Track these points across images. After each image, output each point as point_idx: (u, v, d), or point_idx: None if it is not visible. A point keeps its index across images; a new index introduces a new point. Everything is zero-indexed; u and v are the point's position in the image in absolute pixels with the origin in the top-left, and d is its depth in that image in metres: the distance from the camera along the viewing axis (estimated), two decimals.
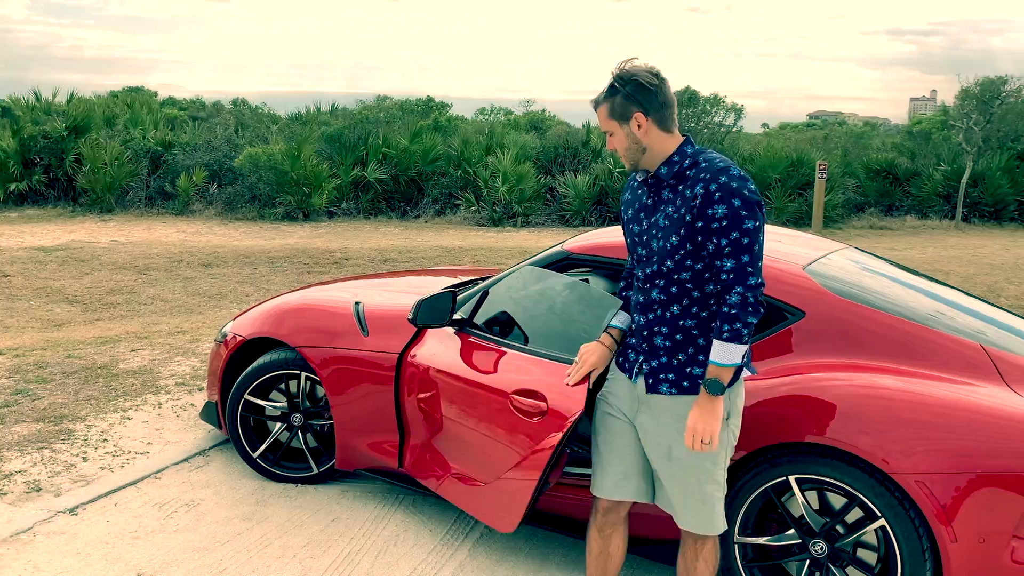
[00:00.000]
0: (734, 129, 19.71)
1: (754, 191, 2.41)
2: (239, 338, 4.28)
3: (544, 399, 3.00)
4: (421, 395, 3.67)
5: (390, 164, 17.43)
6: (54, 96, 23.04)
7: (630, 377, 2.64)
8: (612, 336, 2.76)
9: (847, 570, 2.91)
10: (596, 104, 2.55)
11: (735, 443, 2.67)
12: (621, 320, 2.78)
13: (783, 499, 2.96)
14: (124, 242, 12.81)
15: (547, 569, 3.42)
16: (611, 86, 2.50)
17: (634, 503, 2.79)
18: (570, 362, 2.95)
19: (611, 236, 3.66)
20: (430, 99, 36.68)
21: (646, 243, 2.55)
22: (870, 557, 2.92)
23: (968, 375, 2.91)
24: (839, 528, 2.90)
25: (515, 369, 3.22)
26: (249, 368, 4.16)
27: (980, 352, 2.96)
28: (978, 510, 2.66)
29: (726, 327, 2.39)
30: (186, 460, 4.37)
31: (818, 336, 3.05)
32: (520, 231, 15.62)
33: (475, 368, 3.41)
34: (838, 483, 2.82)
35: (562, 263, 3.62)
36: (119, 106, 24.19)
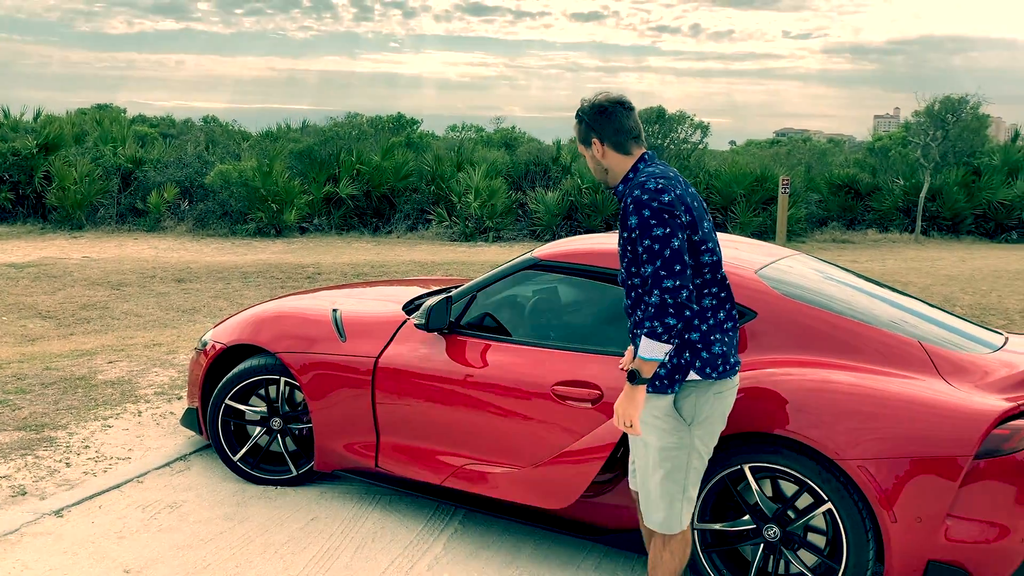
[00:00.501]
0: (700, 146, 20.10)
1: (665, 202, 2.60)
2: (219, 346, 4.42)
3: (599, 388, 3.31)
4: (414, 396, 3.84)
5: (362, 180, 17.58)
6: (21, 114, 22.94)
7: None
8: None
9: (798, 553, 3.12)
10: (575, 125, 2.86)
11: (705, 452, 2.79)
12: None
13: (739, 487, 3.17)
14: (96, 258, 12.83)
15: (519, 561, 3.59)
16: (576, 115, 2.81)
17: (595, 494, 2.98)
18: (590, 352, 3.44)
19: (579, 244, 3.88)
20: (401, 116, 36.89)
21: (620, 258, 2.81)
22: (819, 540, 3.13)
23: (907, 369, 3.14)
24: (790, 513, 3.11)
25: (546, 363, 3.50)
26: (230, 374, 4.31)
27: (918, 348, 3.19)
28: (915, 493, 2.88)
29: (647, 324, 2.57)
30: (167, 465, 4.49)
31: (770, 334, 3.28)
32: (492, 246, 15.83)
33: (495, 366, 3.66)
34: (789, 471, 3.03)
35: (532, 270, 3.82)
36: (88, 123, 24.11)
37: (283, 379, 4.25)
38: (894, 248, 16.40)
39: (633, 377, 2.63)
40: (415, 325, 3.88)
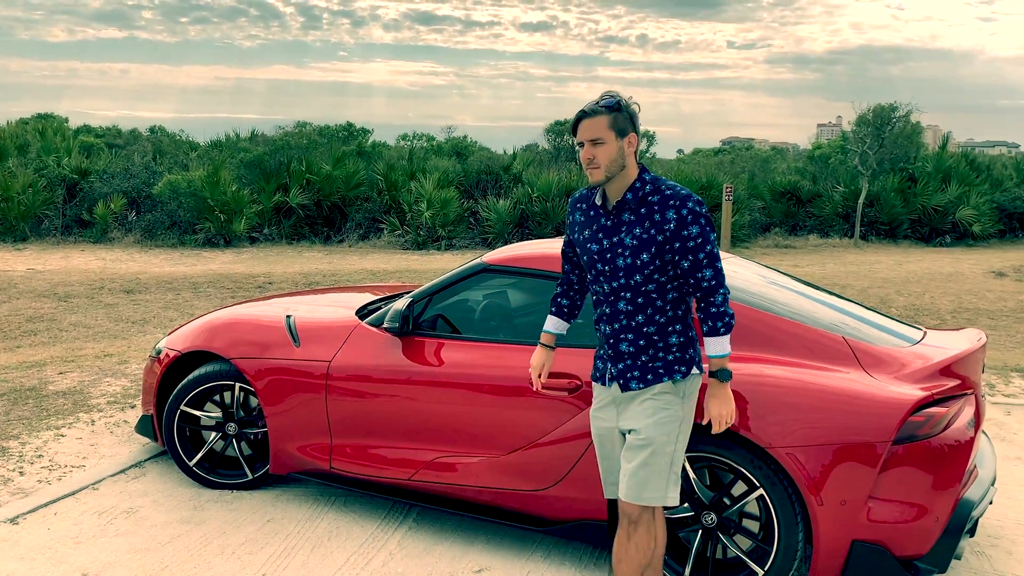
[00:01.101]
0: (647, 155, 20.46)
1: (708, 212, 2.81)
2: (173, 353, 4.48)
3: (578, 378, 3.48)
4: (373, 397, 3.95)
5: (312, 190, 17.57)
6: None
7: (605, 383, 2.93)
8: (547, 340, 3.21)
9: (734, 538, 3.31)
10: (594, 112, 2.76)
11: (691, 424, 2.92)
12: (553, 326, 3.20)
13: None
14: (41, 270, 12.64)
15: (471, 554, 3.73)
16: (616, 103, 2.76)
17: (548, 487, 3.13)
18: (566, 346, 3.55)
19: (526, 249, 4.05)
20: (351, 125, 36.82)
21: (610, 260, 2.81)
22: (753, 525, 3.33)
23: (833, 362, 3.35)
24: (726, 500, 3.30)
25: (526, 357, 3.59)
26: (185, 380, 4.37)
27: (842, 343, 3.41)
28: (840, 478, 3.09)
29: (720, 323, 2.77)
30: (123, 472, 4.53)
31: None
32: (444, 254, 15.95)
33: (473, 363, 3.79)
34: (725, 460, 3.22)
35: (481, 274, 3.98)
36: (30, 133, 23.65)
37: (238, 384, 4.33)
38: (834, 252, 16.92)
39: (725, 376, 2.82)
40: (384, 328, 3.99)
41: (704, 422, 2.90)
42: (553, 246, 3.95)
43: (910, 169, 19.64)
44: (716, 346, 2.81)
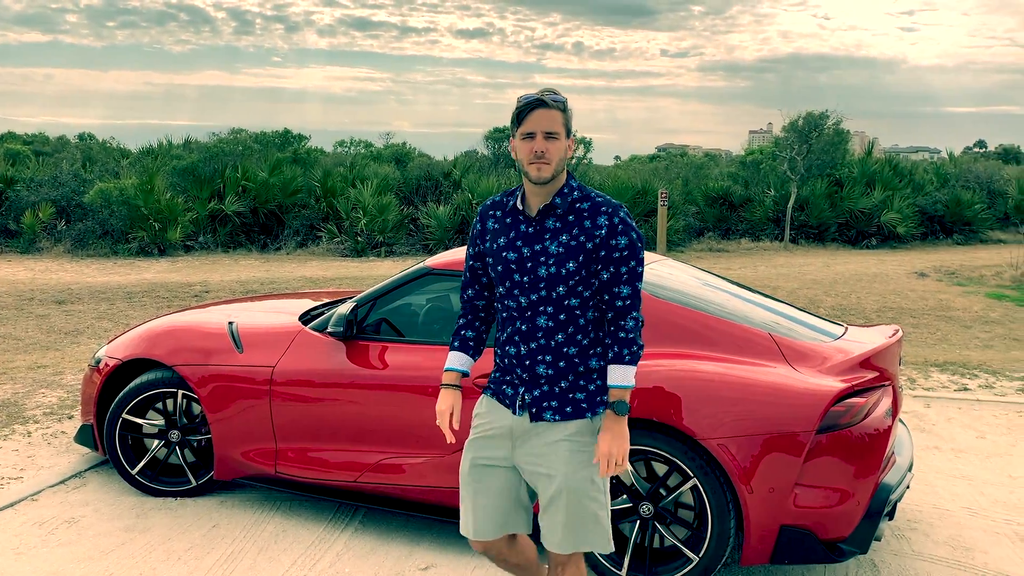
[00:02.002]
0: (584, 161, 20.76)
1: (639, 229, 2.62)
2: (114, 361, 4.46)
3: None
4: (318, 401, 4.00)
5: (248, 197, 17.38)
6: None
7: (513, 410, 2.60)
8: (453, 380, 2.74)
9: (671, 527, 3.46)
10: (553, 104, 2.53)
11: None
12: (459, 362, 2.76)
13: None
14: None
15: (418, 553, 3.81)
16: (564, 102, 2.56)
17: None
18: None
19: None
20: (287, 131, 36.43)
21: (530, 270, 2.55)
22: (688, 515, 3.48)
23: (760, 357, 3.54)
24: (662, 491, 3.45)
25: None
26: (126, 388, 4.36)
27: (769, 339, 3.60)
28: (768, 466, 3.26)
29: (627, 351, 2.50)
30: (62, 482, 4.49)
31: (643, 331, 3.61)
32: (384, 260, 15.93)
33: (415, 365, 3.85)
34: (660, 452, 3.37)
35: (425, 278, 4.07)
36: None
37: (180, 392, 4.33)
38: (765, 255, 17.41)
39: (622, 409, 2.50)
40: (328, 333, 4.04)
41: (595, 461, 2.51)
42: None
43: (837, 174, 20.32)
44: (619, 375, 2.50)
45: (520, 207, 2.62)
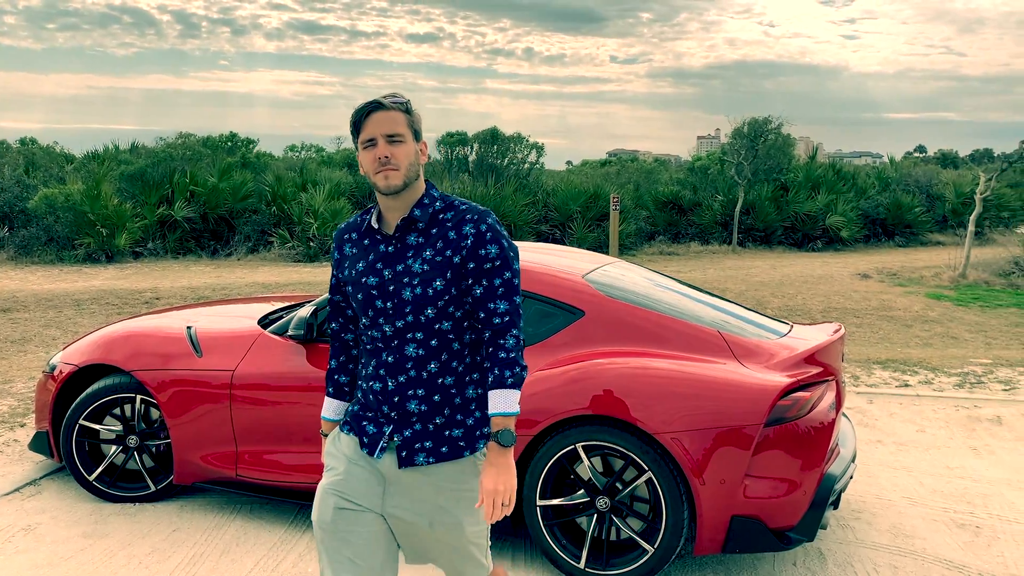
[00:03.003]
0: (536, 166, 20.93)
1: (509, 237, 2.38)
2: (70, 367, 4.43)
3: None
4: (278, 404, 4.03)
5: (198, 202, 17.18)
6: None
7: (373, 454, 2.28)
8: (331, 430, 2.49)
9: (627, 520, 3.58)
10: (392, 106, 2.27)
11: None
12: (335, 411, 2.49)
13: (574, 466, 3.60)
14: None
15: None
16: (407, 104, 2.31)
17: None
18: None
19: None
20: (235, 135, 35.99)
21: (394, 294, 2.26)
22: (643, 507, 3.60)
23: (710, 354, 3.68)
24: (618, 485, 3.56)
25: None
26: (83, 394, 4.34)
27: (718, 337, 3.74)
28: (719, 459, 3.39)
29: (509, 373, 2.21)
30: (17, 491, 4.44)
31: (596, 330, 3.74)
32: None
33: None
34: (616, 447, 3.48)
35: None
36: None
37: (139, 397, 4.33)
38: (714, 259, 17.75)
39: (508, 439, 2.18)
40: (289, 336, 4.07)
41: (478, 504, 2.22)
42: None
43: (783, 179, 20.80)
44: (502, 401, 2.19)
45: (376, 225, 2.33)
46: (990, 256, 15.41)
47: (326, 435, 2.49)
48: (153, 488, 4.35)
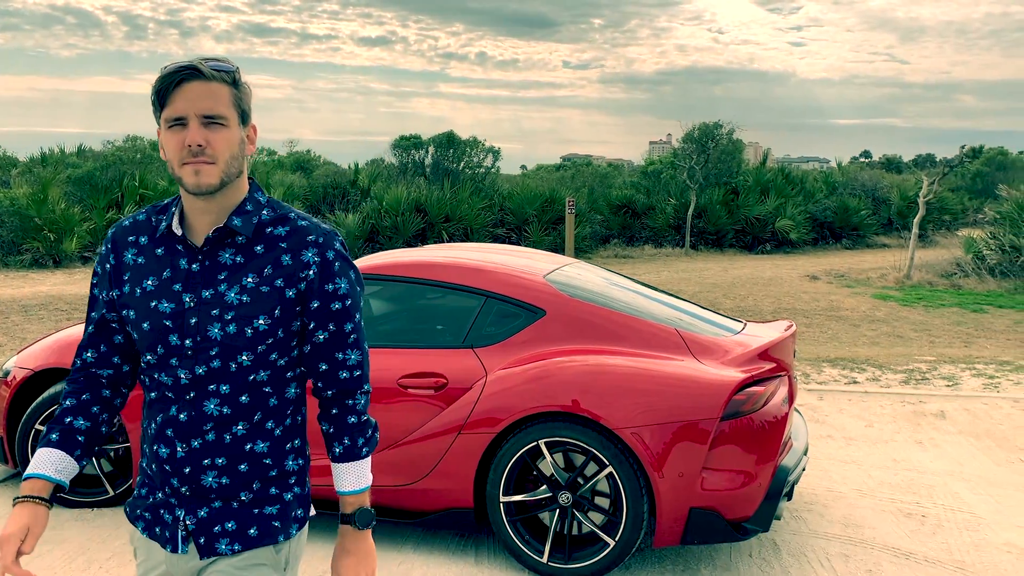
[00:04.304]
0: (492, 170, 21.01)
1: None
2: (25, 372, 4.38)
3: (444, 376, 3.73)
4: None
5: (148, 206, 16.92)
6: None
7: (172, 547, 1.70)
8: (41, 491, 1.72)
9: (588, 514, 3.65)
10: (212, 76, 1.64)
11: None
12: (52, 466, 1.74)
13: (537, 462, 3.66)
14: None
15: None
16: (232, 73, 1.68)
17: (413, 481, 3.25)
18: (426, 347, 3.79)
19: (388, 257, 4.28)
20: None
21: (196, 329, 1.66)
22: (604, 502, 3.68)
23: (667, 351, 3.77)
24: (580, 480, 3.63)
25: (387, 360, 3.84)
26: (40, 399, 4.28)
27: (675, 334, 3.84)
28: (677, 453, 3.48)
29: (361, 440, 1.77)
30: None
31: (557, 329, 3.81)
32: None
33: None
34: (577, 442, 3.56)
35: None
36: None
37: None
38: (668, 261, 18.01)
39: (365, 520, 1.77)
40: None
41: None
42: (416, 253, 4.19)
43: (733, 183, 21.18)
44: (355, 477, 1.76)
45: (178, 231, 1.71)
46: (933, 258, 15.89)
47: (22, 499, 1.70)
48: (112, 493, 4.32)
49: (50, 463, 1.74)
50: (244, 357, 1.67)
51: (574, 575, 3.60)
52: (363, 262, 4.26)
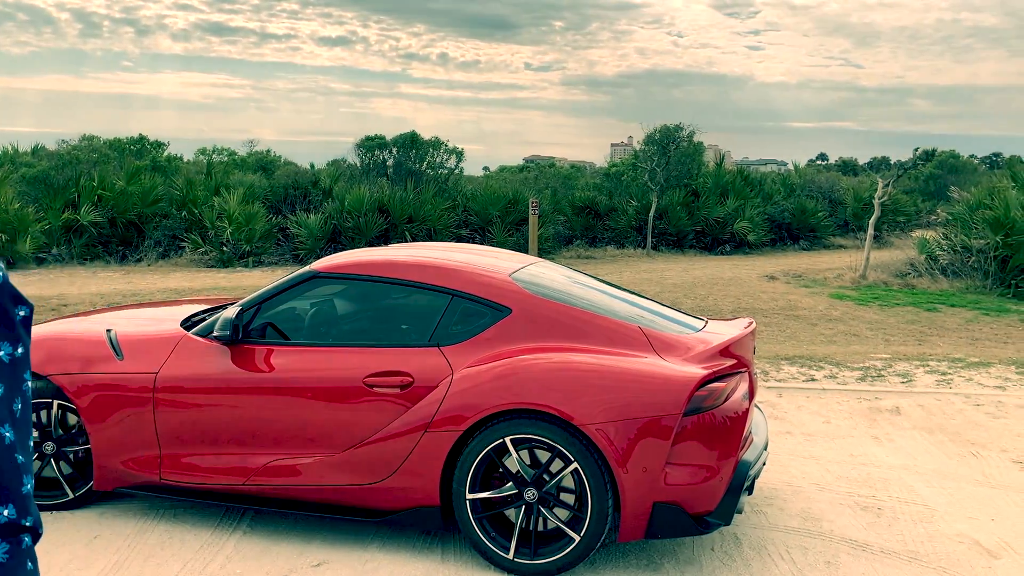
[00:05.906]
0: (455, 171, 21.01)
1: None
2: None
3: (409, 375, 3.73)
4: (204, 406, 4.00)
5: (106, 206, 16.64)
6: None
7: None
8: None
9: (554, 510, 3.69)
10: None
11: None
12: None
13: (502, 459, 3.69)
14: None
15: (310, 550, 3.88)
16: None
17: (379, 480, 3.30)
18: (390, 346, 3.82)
19: (355, 256, 4.27)
20: (143, 138, 34.92)
21: None
22: (569, 498, 3.72)
23: (631, 348, 3.82)
24: (545, 476, 3.67)
25: (354, 359, 3.85)
26: None
27: (638, 332, 3.90)
28: (641, 448, 3.53)
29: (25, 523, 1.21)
30: None
31: (522, 327, 3.84)
32: (253, 271, 15.61)
33: (302, 367, 3.93)
34: (542, 439, 3.59)
35: (311, 281, 4.15)
36: None
37: (56, 402, 4.23)
38: (630, 262, 18.16)
39: None
40: (214, 337, 4.05)
41: None
42: (381, 253, 4.20)
43: (693, 185, 21.41)
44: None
45: None
46: (888, 258, 16.22)
47: None
48: (72, 496, 4.26)
49: None
50: None
51: (540, 571, 3.64)
52: (328, 261, 4.26)
